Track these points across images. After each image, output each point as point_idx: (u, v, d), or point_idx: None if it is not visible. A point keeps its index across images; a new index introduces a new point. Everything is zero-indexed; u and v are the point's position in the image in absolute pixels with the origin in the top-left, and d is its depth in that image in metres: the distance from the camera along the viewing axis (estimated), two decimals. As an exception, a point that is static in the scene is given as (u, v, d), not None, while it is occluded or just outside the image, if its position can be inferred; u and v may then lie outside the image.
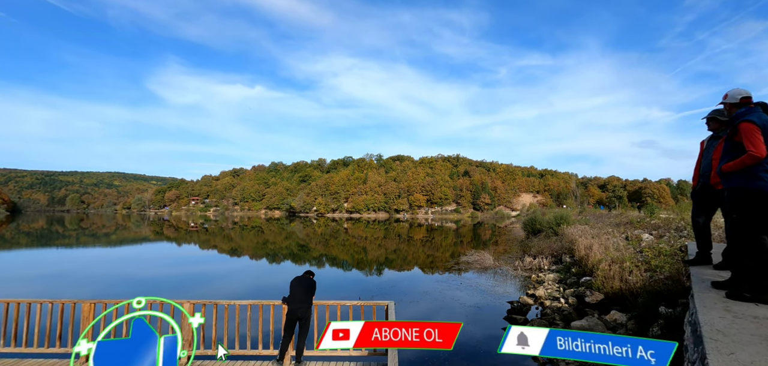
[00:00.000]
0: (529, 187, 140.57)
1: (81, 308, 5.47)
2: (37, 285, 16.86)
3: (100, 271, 20.31)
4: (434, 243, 37.14)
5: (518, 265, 19.56)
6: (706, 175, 3.73)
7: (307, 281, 5.82)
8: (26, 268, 21.74)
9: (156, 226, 64.63)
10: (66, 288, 16.27)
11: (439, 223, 76.12)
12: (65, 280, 18.02)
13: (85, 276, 18.89)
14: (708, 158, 3.70)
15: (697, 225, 3.93)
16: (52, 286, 16.47)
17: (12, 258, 26.54)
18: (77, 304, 5.51)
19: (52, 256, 27.02)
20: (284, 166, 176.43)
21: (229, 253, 29.75)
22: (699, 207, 3.92)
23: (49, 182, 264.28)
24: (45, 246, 32.73)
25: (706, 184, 3.72)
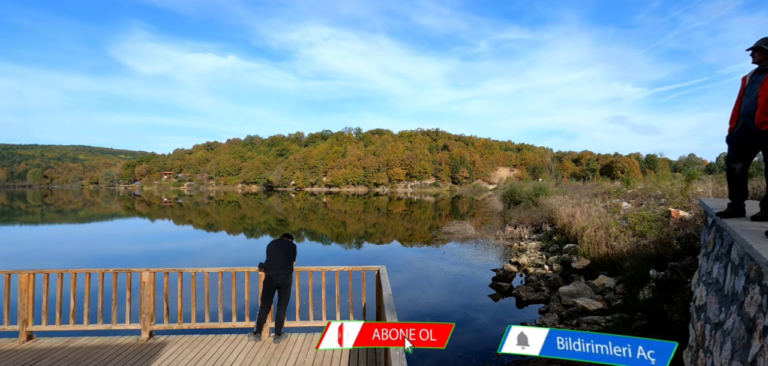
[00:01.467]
0: (507, 161, 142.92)
1: (18, 279, 4.75)
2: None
3: (65, 250, 19.04)
4: (414, 216, 37.09)
5: (499, 235, 19.61)
6: (748, 115, 3.31)
7: (287, 245, 5.19)
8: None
9: (127, 201, 61.87)
10: (24, 265, 15.09)
11: (419, 197, 76.45)
12: (25, 260, 16.77)
13: (51, 254, 17.62)
14: (752, 95, 3.26)
15: (733, 172, 3.55)
16: (10, 265, 15.23)
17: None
18: (13, 275, 4.76)
19: (14, 234, 25.28)
20: (260, 140, 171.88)
21: (205, 228, 28.69)
22: (737, 152, 3.52)
23: (7, 156, 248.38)
24: (6, 223, 30.60)
25: (748, 124, 3.30)
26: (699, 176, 16.85)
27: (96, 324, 4.92)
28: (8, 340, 4.78)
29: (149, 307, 4.93)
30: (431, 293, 10.66)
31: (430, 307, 9.55)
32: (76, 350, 4.50)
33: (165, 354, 4.47)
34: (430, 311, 9.27)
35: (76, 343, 4.74)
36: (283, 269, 4.96)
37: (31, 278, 4.84)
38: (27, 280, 4.80)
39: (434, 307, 9.57)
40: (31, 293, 4.84)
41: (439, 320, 8.54)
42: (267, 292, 4.98)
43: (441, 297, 10.38)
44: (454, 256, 15.68)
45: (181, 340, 4.88)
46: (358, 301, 5.34)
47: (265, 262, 5.09)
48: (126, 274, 4.93)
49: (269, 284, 4.95)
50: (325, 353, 4.47)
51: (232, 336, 5.00)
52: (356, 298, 5.25)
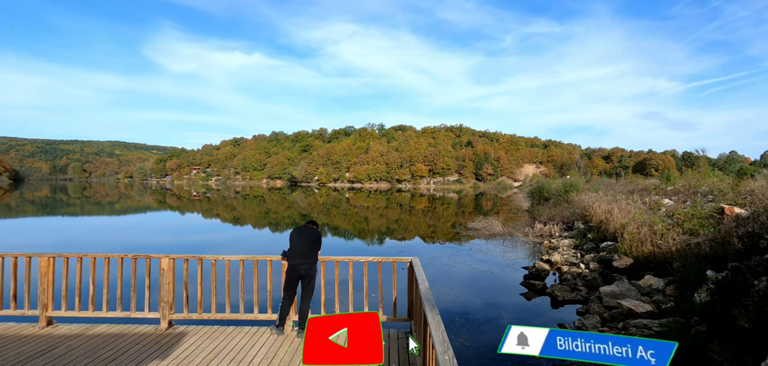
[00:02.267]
0: (533, 158, 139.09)
1: (38, 262, 4.67)
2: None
3: (100, 239, 19.71)
4: (436, 212, 36.46)
5: (528, 232, 18.84)
6: None
7: (311, 232, 4.84)
8: (30, 236, 21.16)
9: (159, 195, 64.10)
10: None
11: (441, 194, 75.51)
12: (66, 248, 17.39)
13: (87, 244, 18.22)
14: None
15: None
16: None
17: (15, 225, 26.02)
18: (33, 258, 4.70)
19: (57, 224, 26.49)
20: (285, 136, 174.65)
21: (231, 221, 29.16)
22: None
23: (50, 151, 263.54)
24: (50, 214, 32.17)
25: None
26: (751, 172, 15.51)
27: (115, 311, 4.80)
28: (28, 325, 4.71)
29: (168, 295, 4.75)
30: (459, 290, 10.19)
31: (458, 305, 9.08)
32: (94, 338, 4.38)
33: (183, 345, 4.26)
34: (458, 309, 8.81)
35: (95, 330, 4.62)
36: (307, 258, 4.62)
37: (51, 262, 4.75)
38: (47, 264, 4.71)
39: (463, 305, 9.10)
40: (50, 278, 4.75)
41: (467, 319, 8.09)
42: (290, 282, 4.66)
43: (469, 294, 9.89)
44: (480, 253, 15.11)
45: (200, 331, 4.68)
46: (387, 294, 4.98)
47: (288, 250, 4.76)
48: (145, 260, 4.76)
49: (292, 274, 4.63)
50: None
51: (253, 329, 4.75)
52: (386, 291, 4.89)
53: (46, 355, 3.96)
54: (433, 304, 2.76)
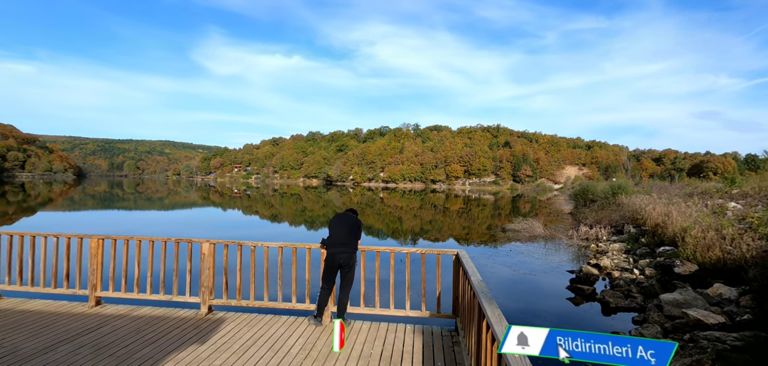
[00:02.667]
0: (575, 160, 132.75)
1: (89, 244, 4.87)
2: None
3: (149, 230, 20.87)
4: (472, 214, 35.53)
5: (572, 235, 17.83)
6: None
7: (351, 219, 4.67)
8: (88, 225, 22.80)
9: (203, 191, 67.35)
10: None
11: (477, 195, 73.78)
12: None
13: (137, 232, 19.33)
14: None
15: None
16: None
17: (81, 219, 28.18)
18: (84, 240, 4.92)
19: (112, 218, 28.44)
20: (321, 136, 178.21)
21: (269, 217, 29.97)
22: None
23: (108, 149, 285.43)
24: (108, 208, 34.64)
25: None
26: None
27: (158, 294, 4.91)
28: (78, 304, 4.91)
29: (208, 280, 4.77)
30: (498, 292, 9.70)
31: (501, 310, 8.62)
32: (138, 319, 4.48)
33: (222, 331, 4.24)
34: (500, 312, 8.35)
35: (139, 312, 4.73)
36: (347, 246, 4.45)
37: (100, 244, 4.93)
38: (96, 246, 4.90)
39: (504, 309, 8.61)
40: (99, 259, 4.92)
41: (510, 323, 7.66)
42: (329, 271, 4.50)
43: (511, 298, 9.39)
44: (521, 255, 14.42)
45: (238, 318, 4.66)
46: (430, 290, 4.72)
47: (327, 238, 4.61)
48: (187, 243, 4.83)
49: (331, 263, 4.46)
50: (395, 346, 3.92)
51: (291, 318, 4.66)
52: (429, 286, 4.64)
53: (93, 332, 4.08)
54: (490, 298, 2.49)
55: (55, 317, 4.45)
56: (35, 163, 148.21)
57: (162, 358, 3.52)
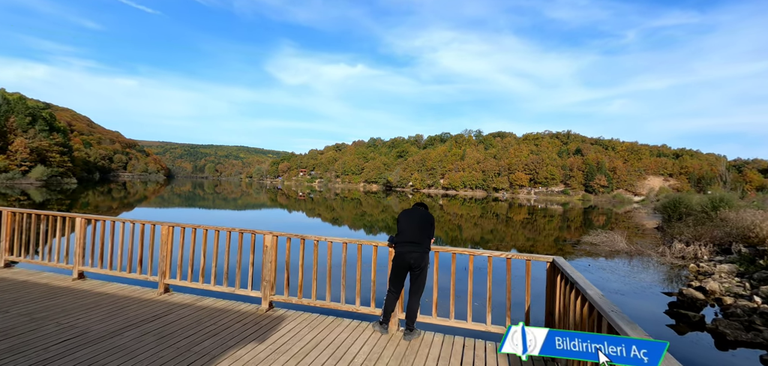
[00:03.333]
0: (660, 169, 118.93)
1: (160, 231, 5.05)
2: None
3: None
4: (537, 225, 33.09)
5: (665, 252, 15.57)
6: None
7: (422, 215, 4.10)
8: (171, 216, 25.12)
9: (271, 193, 71.56)
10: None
11: (544, 205, 69.16)
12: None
13: None
14: None
15: None
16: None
17: (167, 214, 31.29)
18: (157, 226, 5.13)
19: (194, 215, 31.21)
20: (382, 142, 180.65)
21: (331, 221, 30.66)
22: None
23: (193, 153, 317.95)
24: (191, 206, 38.29)
25: None
26: None
27: (221, 285, 4.87)
28: (149, 290, 5.04)
29: (270, 274, 4.61)
30: None
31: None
32: (201, 310, 4.43)
33: (282, 330, 4.00)
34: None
35: (203, 302, 4.71)
36: (418, 245, 3.90)
37: (171, 231, 5.05)
38: (167, 233, 5.01)
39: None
40: (169, 247, 5.02)
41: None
42: (397, 273, 4.00)
43: None
44: (603, 271, 12.84)
45: (299, 317, 4.40)
46: (517, 302, 4.05)
47: (396, 235, 4.10)
48: (250, 235, 4.74)
49: (400, 263, 3.95)
50: (475, 364, 3.36)
51: (354, 322, 4.30)
52: (516, 296, 3.98)
53: (159, 320, 4.09)
54: (627, 318, 1.92)
55: (126, 302, 4.58)
56: (135, 165, 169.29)
57: (221, 354, 3.35)
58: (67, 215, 5.49)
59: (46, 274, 5.60)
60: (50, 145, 79.38)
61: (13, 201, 32.18)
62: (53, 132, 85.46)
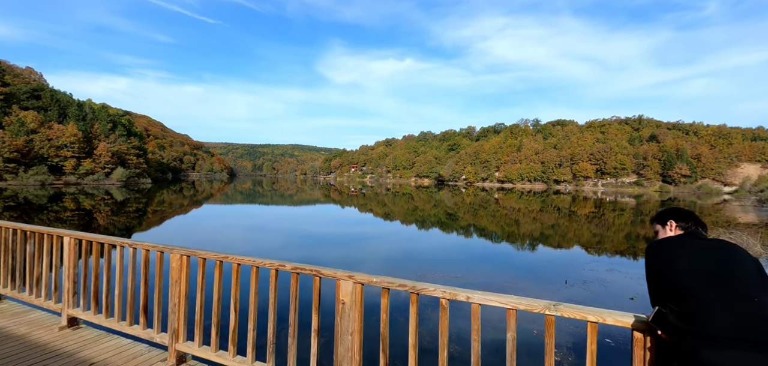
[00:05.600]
0: (756, 155, 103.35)
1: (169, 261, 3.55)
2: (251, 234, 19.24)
3: (283, 226, 22.68)
4: (604, 220, 29.54)
5: None
6: None
7: (739, 257, 1.67)
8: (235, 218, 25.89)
9: (325, 189, 72.97)
10: (262, 241, 17.94)
11: (613, 197, 62.94)
12: (261, 234, 20.16)
13: (276, 228, 21.06)
14: None
15: None
16: (253, 240, 18.45)
17: (234, 210, 32.57)
18: (165, 254, 3.56)
19: (254, 211, 32.18)
20: (433, 136, 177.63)
21: (382, 217, 29.84)
22: None
23: (252, 153, 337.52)
24: (251, 203, 39.86)
25: None
26: None
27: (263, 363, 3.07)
28: (157, 355, 3.53)
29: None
30: None
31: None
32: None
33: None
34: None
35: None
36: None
37: (185, 264, 3.43)
38: (179, 267, 3.42)
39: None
40: (183, 288, 3.41)
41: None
42: None
43: None
44: None
45: None
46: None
47: (675, 308, 1.67)
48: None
49: None
50: None
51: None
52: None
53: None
54: None
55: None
56: (201, 165, 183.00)
57: None
58: (53, 233, 4.20)
59: (32, 316, 4.36)
60: (128, 149, 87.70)
61: (98, 200, 35.40)
62: (131, 136, 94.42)
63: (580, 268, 11.89)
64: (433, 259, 14.01)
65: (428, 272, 11.71)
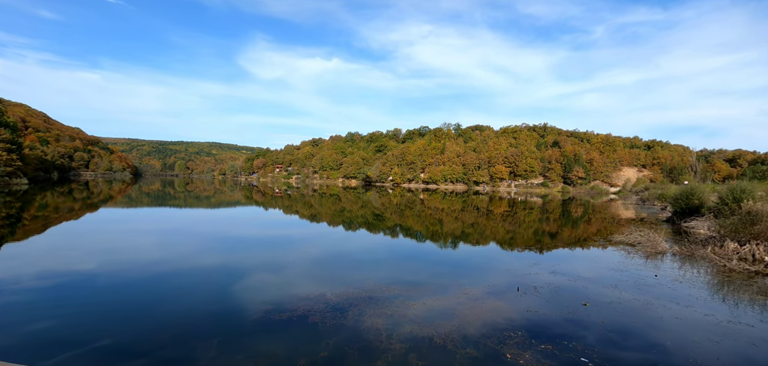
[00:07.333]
0: (633, 160, 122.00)
1: None
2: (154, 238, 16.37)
3: (201, 230, 19.99)
4: (516, 218, 31.92)
5: (729, 255, 13.31)
6: None
7: None
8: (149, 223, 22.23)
9: (247, 191, 68.07)
10: (176, 246, 15.44)
11: (523, 197, 68.87)
12: (174, 237, 17.44)
13: (192, 232, 18.35)
14: None
15: None
16: (167, 245, 15.78)
17: (133, 215, 28.12)
18: None
19: (165, 214, 28.21)
20: (360, 137, 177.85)
21: (309, 218, 28.37)
22: None
23: (161, 150, 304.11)
24: (161, 206, 34.95)
25: None
26: None
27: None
28: None
29: None
30: None
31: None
32: None
33: None
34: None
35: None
36: None
37: None
38: None
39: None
40: None
41: None
42: None
43: None
44: (680, 288, 10.24)
45: None
46: None
47: None
48: None
49: None
50: None
51: None
52: None
53: None
54: None
55: None
56: (98, 163, 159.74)
57: None
58: None
59: None
60: (-6, 143, 72.74)
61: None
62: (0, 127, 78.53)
63: (524, 272, 11.76)
64: (362, 259, 13.35)
65: (357, 274, 10.98)
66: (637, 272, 11.89)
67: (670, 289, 10.07)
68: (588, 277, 11.37)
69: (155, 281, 9.97)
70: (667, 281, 10.91)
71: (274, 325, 7.05)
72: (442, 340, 6.48)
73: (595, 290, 9.90)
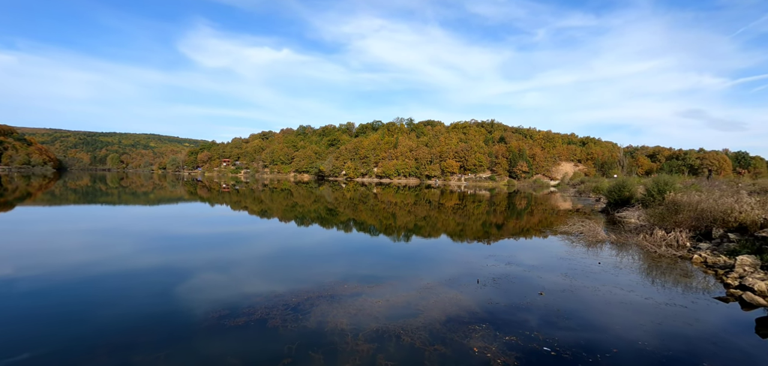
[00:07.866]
0: (570, 156, 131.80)
1: None
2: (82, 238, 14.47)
3: (138, 229, 18.13)
4: (466, 210, 33.13)
5: (659, 242, 14.41)
6: None
7: None
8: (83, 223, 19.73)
9: (190, 186, 63.68)
10: (109, 247, 13.76)
11: (473, 190, 71.62)
12: (104, 238, 15.59)
13: (127, 233, 16.53)
14: None
15: None
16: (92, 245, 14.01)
17: (62, 213, 24.98)
18: None
19: (96, 212, 25.49)
20: (313, 130, 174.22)
21: (259, 214, 27.10)
22: None
23: (90, 142, 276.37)
24: (91, 203, 31.33)
25: None
26: None
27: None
28: None
29: None
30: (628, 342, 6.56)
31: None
32: None
33: None
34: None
35: None
36: None
37: None
38: None
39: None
40: None
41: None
42: None
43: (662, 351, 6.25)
44: (621, 274, 10.95)
45: None
46: None
47: None
48: None
49: None
50: None
51: None
52: None
53: None
54: None
55: None
56: (12, 156, 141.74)
57: None
58: None
59: None
60: None
61: None
62: None
63: (481, 264, 11.88)
64: (318, 255, 12.93)
65: (314, 271, 10.58)
66: (582, 260, 12.63)
67: (612, 276, 10.78)
68: (539, 266, 11.87)
69: (86, 285, 8.87)
70: (609, 268, 11.69)
71: (229, 330, 6.49)
72: (410, 337, 6.33)
73: (549, 279, 10.33)
